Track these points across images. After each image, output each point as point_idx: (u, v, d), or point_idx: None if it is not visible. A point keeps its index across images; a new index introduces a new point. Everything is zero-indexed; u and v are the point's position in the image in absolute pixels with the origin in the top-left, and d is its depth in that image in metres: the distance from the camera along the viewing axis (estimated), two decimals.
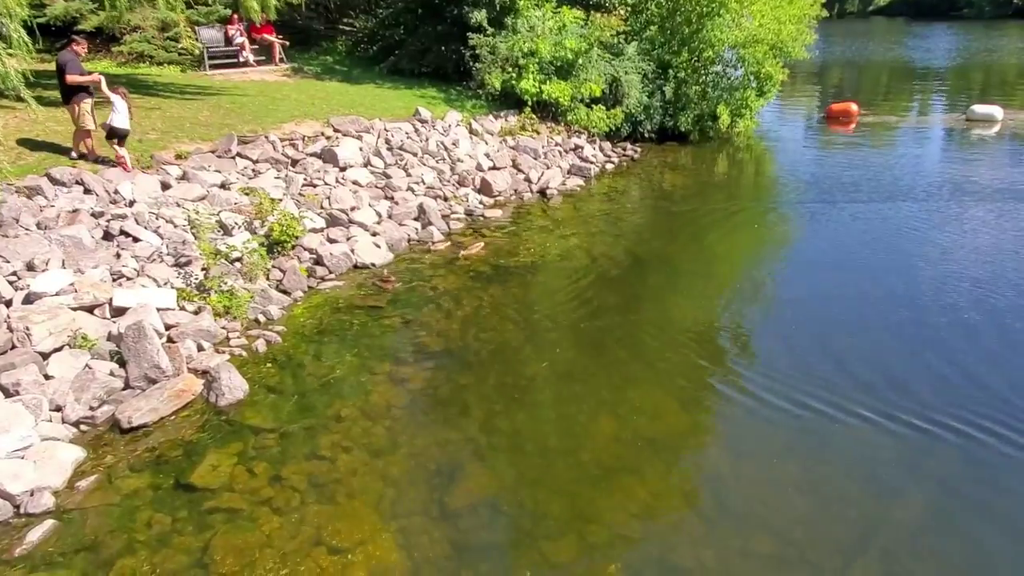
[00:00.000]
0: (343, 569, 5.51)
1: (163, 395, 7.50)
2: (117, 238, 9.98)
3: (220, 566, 5.49)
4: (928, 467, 6.66)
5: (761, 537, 5.90)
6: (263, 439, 7.01)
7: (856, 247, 12.74)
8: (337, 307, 10.04)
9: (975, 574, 5.52)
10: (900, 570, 5.56)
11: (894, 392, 7.82)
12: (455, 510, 6.18)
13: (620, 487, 6.48)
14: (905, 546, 5.78)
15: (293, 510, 6.09)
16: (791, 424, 7.31)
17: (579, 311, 10.07)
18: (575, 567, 5.66)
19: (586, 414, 7.55)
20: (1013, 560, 5.63)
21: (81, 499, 6.21)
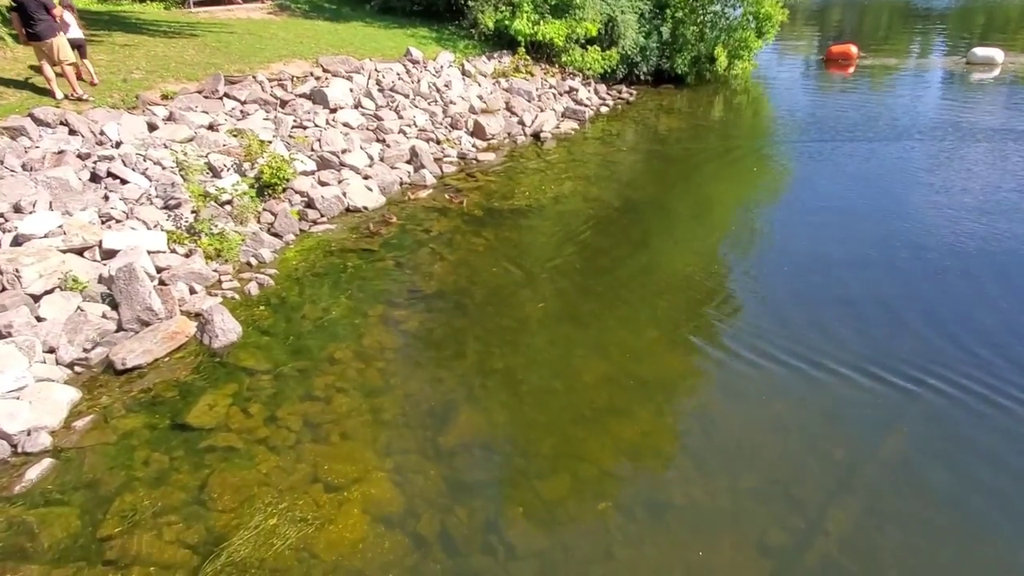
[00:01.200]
0: (340, 506, 5.62)
1: (156, 337, 7.50)
2: (104, 180, 9.82)
3: (218, 503, 5.58)
4: (912, 411, 6.76)
5: (748, 475, 6.02)
6: (258, 380, 7.05)
7: (852, 188, 12.69)
8: (329, 250, 9.98)
9: (953, 508, 5.66)
10: (881, 505, 5.70)
11: (884, 338, 7.89)
12: (449, 449, 6.27)
13: (612, 427, 6.57)
14: (886, 483, 5.91)
15: (289, 449, 6.17)
16: (780, 368, 7.39)
17: (572, 255, 10.05)
18: (567, 504, 5.78)
19: (578, 356, 7.60)
20: (987, 494, 5.77)
21: (78, 439, 6.26)
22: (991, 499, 5.72)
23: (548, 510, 5.72)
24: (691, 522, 5.57)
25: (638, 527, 5.54)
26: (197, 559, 5.11)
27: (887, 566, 5.19)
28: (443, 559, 5.25)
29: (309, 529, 5.37)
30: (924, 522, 5.53)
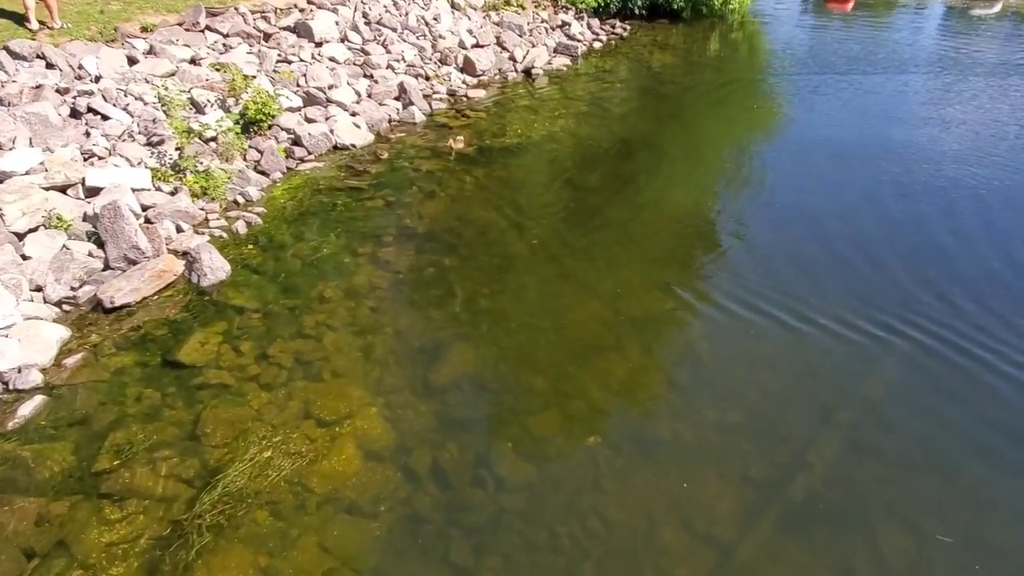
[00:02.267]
0: (332, 441, 5.69)
1: (144, 275, 7.45)
2: (85, 116, 9.58)
3: (212, 438, 5.64)
4: (892, 355, 6.83)
5: (734, 411, 6.12)
6: (247, 318, 7.04)
7: (847, 125, 12.58)
8: (317, 188, 9.85)
9: (929, 446, 5.80)
10: (862, 440, 5.84)
11: (869, 284, 7.93)
12: (439, 386, 6.32)
13: (600, 364, 6.64)
14: (868, 420, 6.04)
15: (280, 386, 6.21)
16: (768, 310, 7.43)
17: (564, 194, 9.97)
18: (556, 439, 5.88)
19: (568, 294, 7.62)
20: (961, 435, 5.90)
21: (69, 376, 6.27)
22: (964, 439, 5.84)
23: (537, 445, 5.82)
24: (678, 456, 5.69)
25: (626, 461, 5.65)
26: (193, 492, 5.20)
27: (866, 497, 5.34)
28: (435, 492, 5.35)
29: (302, 463, 5.46)
30: (902, 457, 5.67)
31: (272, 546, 4.88)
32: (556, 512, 5.23)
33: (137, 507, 5.07)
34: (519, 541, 5.04)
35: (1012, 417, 5.99)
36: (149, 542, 4.86)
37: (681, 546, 5.01)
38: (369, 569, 4.79)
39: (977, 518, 5.18)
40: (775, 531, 5.08)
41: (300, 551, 4.86)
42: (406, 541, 5.00)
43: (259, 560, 4.79)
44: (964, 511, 5.23)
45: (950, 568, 4.83)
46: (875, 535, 5.05)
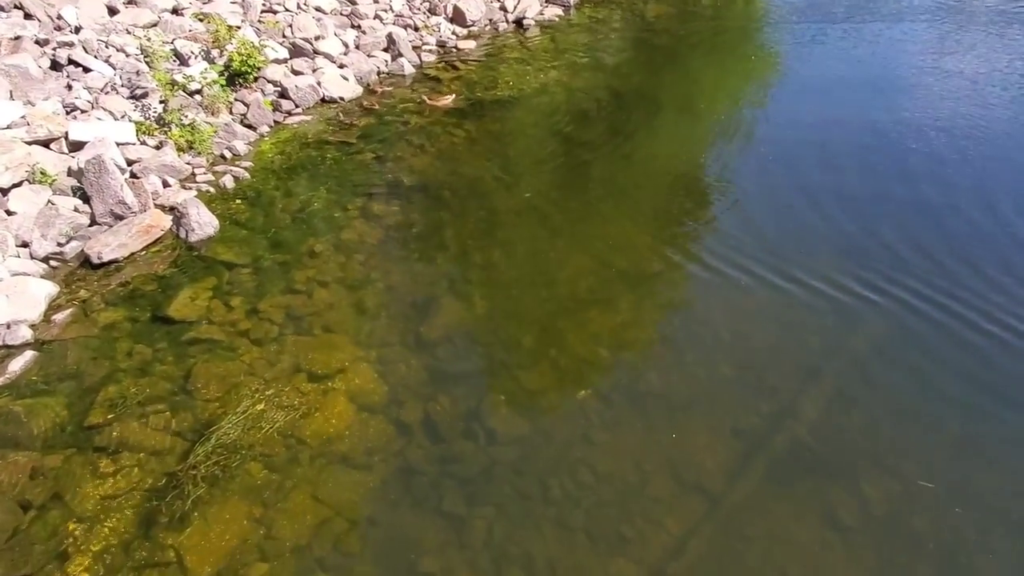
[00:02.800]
0: (324, 394, 5.72)
1: (131, 231, 7.37)
2: (66, 68, 9.36)
3: (204, 392, 5.66)
4: (878, 311, 6.84)
5: (723, 364, 6.17)
6: (237, 274, 7.00)
7: (844, 75, 12.39)
8: (306, 142, 9.71)
9: (916, 398, 5.87)
10: (849, 391, 5.91)
11: (861, 237, 7.90)
12: (431, 340, 6.34)
13: (592, 318, 6.66)
14: (854, 373, 6.10)
15: (271, 341, 6.21)
16: (760, 266, 7.41)
17: (556, 148, 9.86)
18: (547, 392, 5.93)
19: (560, 249, 7.60)
20: (947, 387, 5.97)
21: (59, 331, 6.25)
22: (948, 393, 5.89)
23: (529, 398, 5.87)
24: (667, 408, 5.75)
25: (616, 413, 5.71)
26: (186, 444, 5.24)
27: (852, 447, 5.43)
28: (427, 445, 5.41)
29: (294, 416, 5.49)
30: (887, 409, 5.74)
31: (267, 497, 4.94)
32: (547, 464, 5.30)
33: (131, 460, 5.11)
34: (511, 492, 5.11)
35: (994, 373, 6.04)
36: (145, 493, 4.92)
37: (670, 496, 5.10)
38: (363, 519, 4.87)
39: (959, 466, 5.28)
40: (762, 480, 5.17)
41: (294, 502, 4.93)
42: (399, 492, 5.06)
43: (254, 511, 4.85)
44: (947, 459, 5.33)
45: (931, 512, 4.94)
46: (859, 483, 5.14)
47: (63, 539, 4.61)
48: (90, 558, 4.51)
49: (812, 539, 4.82)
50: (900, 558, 4.68)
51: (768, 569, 4.64)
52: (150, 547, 4.60)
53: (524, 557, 4.69)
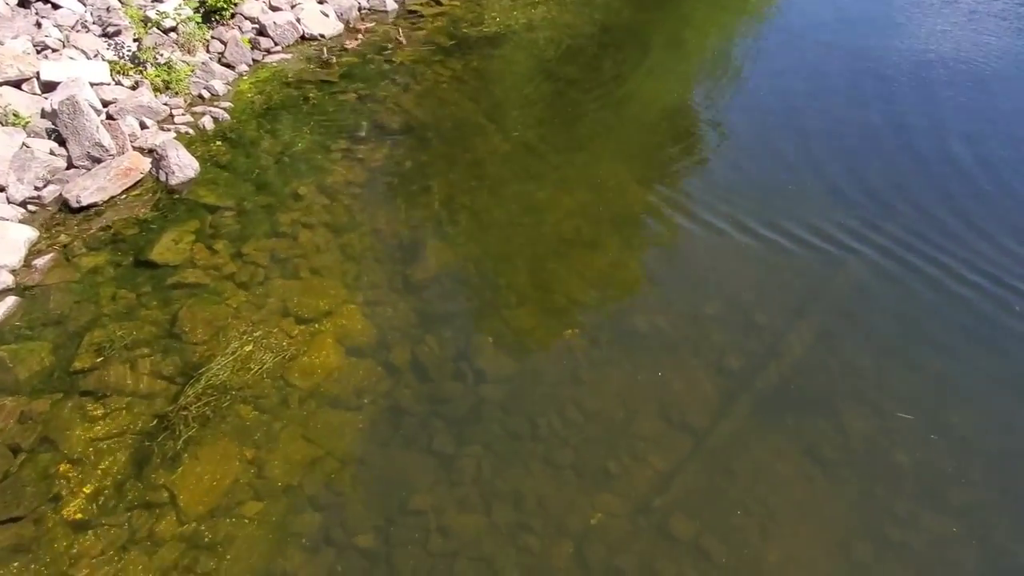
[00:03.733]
0: (312, 337, 5.71)
1: (109, 174, 7.20)
2: (34, 4, 9.01)
3: (191, 336, 5.63)
4: (867, 255, 6.85)
5: (710, 304, 6.19)
6: (220, 217, 6.90)
7: (840, 13, 12.13)
8: (286, 81, 9.45)
9: (898, 338, 5.94)
10: (835, 328, 5.97)
11: (849, 181, 7.87)
12: (418, 282, 6.31)
13: (579, 259, 6.64)
14: (838, 314, 6.15)
15: (257, 284, 6.16)
16: (750, 204, 7.38)
17: (543, 86, 9.66)
18: (535, 333, 5.95)
19: (548, 190, 7.52)
20: (928, 329, 6.04)
21: (40, 277, 6.16)
22: (928, 335, 5.96)
23: (517, 338, 5.89)
24: (654, 347, 5.79)
25: (603, 352, 5.75)
26: (175, 388, 5.23)
27: (834, 384, 5.51)
28: (415, 385, 5.44)
29: (283, 359, 5.49)
30: (869, 348, 5.81)
31: (257, 438, 4.98)
32: (535, 403, 5.35)
33: (119, 403, 5.11)
34: (499, 431, 5.17)
35: (972, 318, 6.10)
36: (135, 435, 4.94)
37: (656, 433, 5.18)
38: (354, 458, 4.92)
39: (936, 401, 5.39)
40: (747, 417, 5.25)
41: (285, 443, 4.97)
42: (389, 432, 5.11)
43: (245, 452, 4.89)
44: (926, 396, 5.43)
45: (909, 442, 5.06)
46: (841, 418, 5.24)
47: (55, 481, 4.64)
48: (83, 499, 4.55)
49: (795, 473, 4.93)
50: (879, 490, 4.80)
51: (751, 502, 4.75)
52: (143, 487, 4.64)
53: (513, 494, 4.78)
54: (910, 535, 4.57)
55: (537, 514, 4.68)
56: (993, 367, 5.64)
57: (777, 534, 4.59)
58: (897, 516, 4.66)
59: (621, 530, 4.61)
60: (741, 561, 4.45)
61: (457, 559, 4.44)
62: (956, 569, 4.41)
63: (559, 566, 4.42)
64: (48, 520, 4.44)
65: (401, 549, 4.47)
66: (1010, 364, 5.68)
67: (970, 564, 4.44)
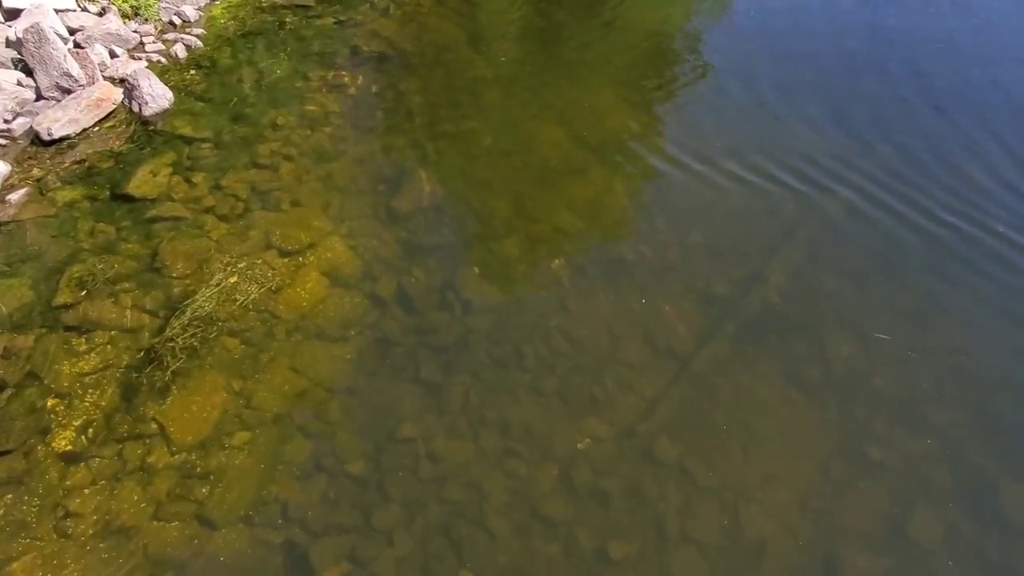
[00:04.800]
0: (295, 269, 5.66)
1: (81, 105, 6.97)
2: None
3: (172, 269, 5.56)
4: (853, 185, 6.81)
5: (696, 232, 6.18)
6: (197, 149, 6.72)
7: None
8: (260, 6, 9.07)
9: (881, 261, 5.98)
10: (820, 254, 5.99)
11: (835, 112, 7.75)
12: (403, 213, 6.23)
13: (566, 188, 6.57)
14: (827, 237, 6.16)
15: (238, 217, 6.06)
16: (737, 132, 7.27)
17: (528, 10, 9.35)
18: (522, 262, 5.93)
19: (533, 118, 7.37)
20: (912, 251, 6.07)
21: (15, 212, 6.02)
22: (912, 258, 6.00)
23: (503, 268, 5.87)
24: (640, 275, 5.80)
25: (589, 282, 5.75)
26: (159, 321, 5.20)
27: (817, 309, 5.57)
28: (401, 316, 5.43)
29: (267, 291, 5.45)
30: (854, 272, 5.85)
31: (244, 369, 4.99)
32: (522, 332, 5.37)
33: (104, 338, 5.08)
34: (486, 360, 5.21)
35: (953, 240, 6.13)
36: (122, 369, 4.93)
37: (642, 360, 5.24)
38: (342, 388, 4.95)
39: (916, 321, 5.47)
40: (731, 343, 5.31)
41: (273, 374, 4.98)
42: (376, 362, 5.13)
43: (233, 383, 4.90)
44: (905, 317, 5.50)
45: (890, 369, 5.15)
46: (823, 344, 5.31)
47: (43, 415, 4.65)
48: (72, 431, 4.57)
49: (777, 397, 5.03)
50: (859, 411, 4.91)
51: (734, 426, 4.85)
52: (132, 420, 4.67)
53: (500, 421, 4.85)
54: (887, 454, 4.70)
55: (524, 440, 4.76)
56: (971, 289, 5.71)
57: (758, 455, 4.71)
58: (875, 436, 4.78)
59: (607, 454, 4.70)
60: (723, 481, 4.57)
61: (446, 484, 4.53)
62: (930, 485, 4.56)
63: (546, 489, 4.53)
64: (38, 453, 4.46)
65: (392, 475, 4.55)
66: (986, 285, 5.74)
67: (944, 480, 4.58)
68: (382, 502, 4.42)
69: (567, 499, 4.49)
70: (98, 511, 4.24)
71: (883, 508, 4.45)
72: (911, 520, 4.36)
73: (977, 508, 4.44)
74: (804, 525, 4.38)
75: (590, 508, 4.45)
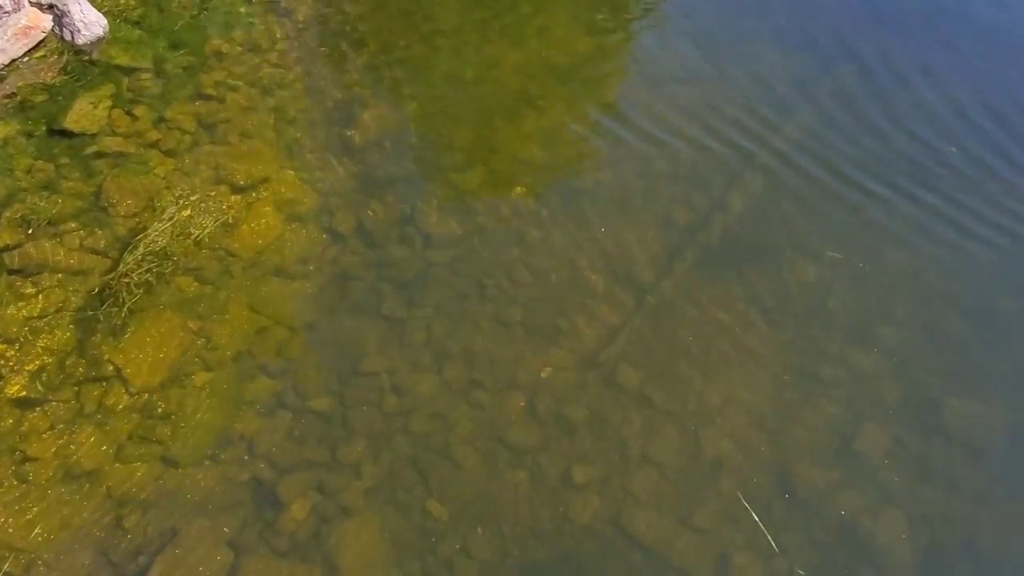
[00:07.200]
0: (249, 206, 5.49)
1: (7, 34, 6.50)
2: None
3: (119, 208, 5.34)
4: (811, 106, 6.81)
5: (658, 160, 6.16)
6: (137, 80, 6.36)
7: None
8: None
9: (837, 184, 6.04)
10: (776, 181, 6.03)
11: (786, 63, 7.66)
12: (359, 145, 6.05)
13: (526, 116, 6.44)
14: (782, 165, 6.18)
15: (185, 151, 5.80)
16: (700, 51, 7.16)
17: None
18: (482, 193, 5.86)
19: (491, 44, 7.13)
20: (866, 172, 6.15)
21: None
22: (866, 179, 6.08)
23: (463, 200, 5.79)
24: (601, 204, 5.79)
25: (551, 211, 5.72)
26: (108, 262, 5.02)
27: (776, 233, 5.64)
28: (361, 250, 5.36)
29: (220, 229, 5.29)
30: (811, 194, 5.93)
31: (202, 309, 4.89)
32: (484, 264, 5.35)
33: (52, 280, 4.90)
34: (449, 292, 5.19)
35: (905, 162, 6.22)
36: (74, 311, 4.78)
37: (604, 288, 5.29)
38: (303, 325, 4.91)
39: (869, 240, 5.60)
40: (691, 269, 5.39)
41: (231, 313, 4.90)
42: (337, 298, 5.08)
43: (190, 323, 4.81)
44: (859, 237, 5.63)
45: (843, 292, 5.29)
46: (780, 269, 5.41)
47: None
48: (26, 377, 4.46)
49: (736, 320, 5.14)
50: (814, 331, 5.07)
51: (694, 351, 4.97)
52: (87, 362, 4.57)
53: (464, 352, 4.88)
54: (840, 372, 4.88)
55: (488, 371, 4.80)
56: (918, 207, 5.84)
57: (717, 379, 4.84)
58: (829, 355, 4.95)
59: (570, 383, 4.79)
60: (683, 405, 4.71)
61: (412, 416, 4.57)
62: (879, 402, 4.76)
63: (511, 419, 4.61)
64: None
65: (356, 409, 4.57)
66: (931, 205, 5.87)
67: (892, 397, 4.79)
68: (348, 436, 4.46)
69: (532, 427, 4.58)
70: (58, 455, 4.19)
71: (834, 424, 4.64)
72: (859, 435, 4.57)
73: (921, 422, 4.66)
74: (759, 444, 4.55)
75: (554, 435, 4.55)
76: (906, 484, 4.40)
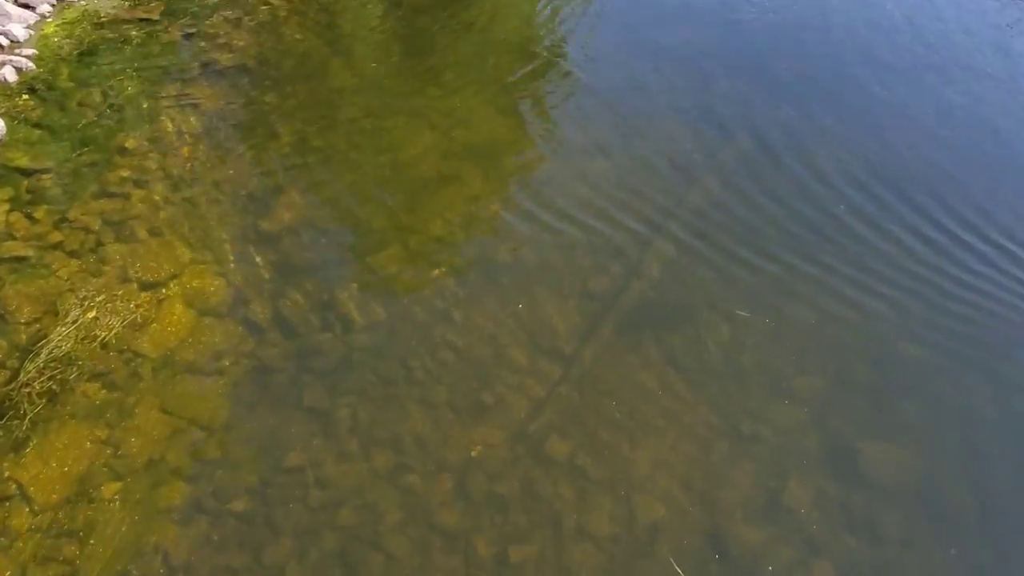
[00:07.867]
0: (159, 303, 5.33)
1: None
2: None
3: (18, 314, 5.10)
4: (722, 161, 7.21)
5: (573, 228, 6.32)
6: (37, 181, 6.18)
7: None
8: (99, 23, 8.44)
9: (750, 240, 6.34)
10: (689, 245, 6.27)
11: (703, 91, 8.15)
12: (273, 234, 6.01)
13: (441, 195, 6.55)
14: (695, 225, 6.47)
15: (89, 252, 5.63)
16: (608, 125, 7.49)
17: (389, 15, 9.21)
18: (402, 275, 5.86)
19: (403, 126, 7.28)
20: (776, 228, 6.49)
21: None
22: (776, 234, 6.42)
23: (383, 283, 5.79)
24: (519, 278, 5.87)
25: (471, 289, 5.76)
26: (6, 373, 4.75)
27: (690, 297, 5.84)
28: (280, 341, 5.25)
29: (128, 329, 5.10)
30: (724, 257, 6.18)
31: (110, 417, 4.67)
32: (407, 346, 5.32)
33: None
34: (373, 378, 5.12)
35: (813, 213, 6.62)
36: None
37: (527, 362, 5.32)
38: (219, 425, 4.73)
39: (777, 303, 5.84)
40: (611, 338, 5.48)
41: (141, 418, 4.69)
42: (256, 392, 4.94)
43: (98, 432, 4.58)
44: (764, 295, 5.86)
45: (756, 349, 5.48)
46: (698, 330, 5.58)
47: None
48: None
49: (658, 383, 5.24)
50: (732, 389, 5.20)
51: (620, 416, 5.02)
52: None
53: (391, 437, 4.79)
54: (760, 428, 5.00)
55: (417, 454, 4.72)
56: (817, 270, 6.15)
57: (644, 443, 4.89)
58: (748, 411, 5.08)
59: (500, 459, 4.75)
60: (614, 473, 4.72)
61: (339, 509, 4.43)
62: (800, 453, 4.89)
63: (442, 500, 4.52)
64: None
65: (280, 508, 4.40)
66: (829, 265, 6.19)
67: (811, 447, 4.93)
68: (272, 537, 4.27)
69: (463, 508, 4.50)
70: None
71: (759, 480, 4.74)
72: (785, 489, 4.67)
73: (841, 470, 4.81)
74: (690, 506, 4.59)
75: (487, 515, 4.48)
76: (832, 534, 4.50)
